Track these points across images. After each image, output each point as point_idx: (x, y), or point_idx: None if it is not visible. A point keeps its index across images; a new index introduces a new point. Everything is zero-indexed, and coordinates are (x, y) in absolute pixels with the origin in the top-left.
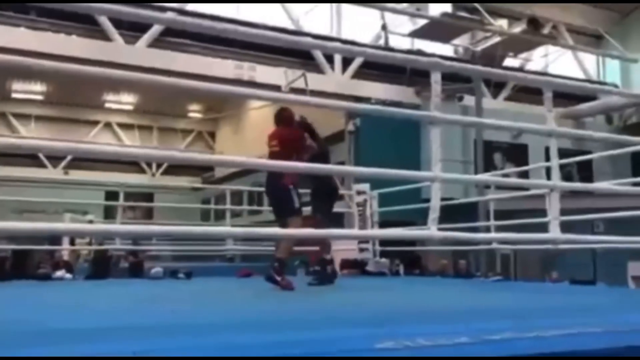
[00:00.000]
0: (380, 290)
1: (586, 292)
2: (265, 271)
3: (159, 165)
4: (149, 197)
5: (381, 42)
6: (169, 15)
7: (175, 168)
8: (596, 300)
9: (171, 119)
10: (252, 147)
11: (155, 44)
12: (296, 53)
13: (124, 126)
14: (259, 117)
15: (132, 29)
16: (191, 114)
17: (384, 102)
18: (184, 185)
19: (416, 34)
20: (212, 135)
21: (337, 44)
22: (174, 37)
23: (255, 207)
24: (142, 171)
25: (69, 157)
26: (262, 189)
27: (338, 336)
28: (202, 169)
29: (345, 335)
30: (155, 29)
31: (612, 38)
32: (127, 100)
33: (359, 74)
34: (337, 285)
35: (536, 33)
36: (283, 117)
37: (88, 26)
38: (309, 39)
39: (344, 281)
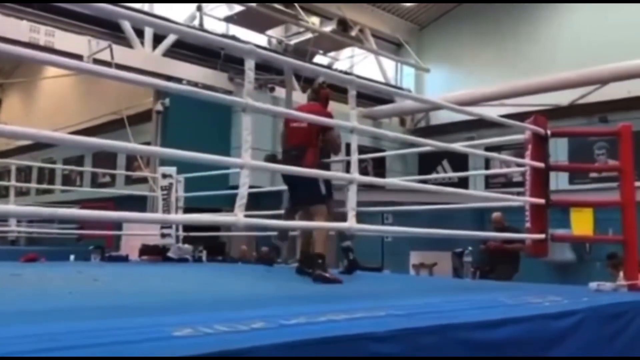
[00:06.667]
0: (179, 278)
1: (374, 279)
2: (51, 255)
3: None
4: None
5: (195, 22)
6: None
7: None
8: (382, 287)
9: None
10: (46, 118)
11: None
12: (103, 23)
13: None
14: (55, 87)
15: None
16: None
17: (196, 84)
18: None
19: (231, 19)
20: None
21: (150, 18)
22: None
23: (45, 186)
24: None
25: None
26: (54, 165)
27: (133, 325)
28: None
29: (139, 323)
30: None
31: (410, 47)
32: None
33: (170, 53)
34: (135, 272)
35: (344, 34)
36: (320, 94)
37: None
38: (118, 8)
39: (143, 268)
